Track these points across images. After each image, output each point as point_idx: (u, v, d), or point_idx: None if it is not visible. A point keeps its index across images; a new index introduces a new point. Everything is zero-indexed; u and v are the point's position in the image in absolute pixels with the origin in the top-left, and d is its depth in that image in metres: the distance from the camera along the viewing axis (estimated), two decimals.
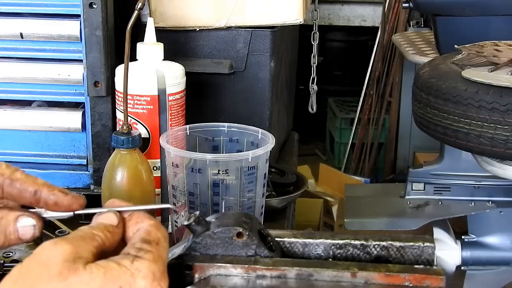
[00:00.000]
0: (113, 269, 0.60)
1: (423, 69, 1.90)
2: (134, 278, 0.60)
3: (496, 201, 2.39)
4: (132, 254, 0.62)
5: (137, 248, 0.63)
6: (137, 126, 1.14)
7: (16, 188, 0.69)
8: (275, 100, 1.45)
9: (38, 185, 0.69)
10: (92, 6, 1.16)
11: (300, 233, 0.72)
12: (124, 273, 0.60)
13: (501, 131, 1.64)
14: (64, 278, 0.58)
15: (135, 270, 0.61)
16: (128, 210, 0.69)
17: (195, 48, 1.37)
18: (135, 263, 0.61)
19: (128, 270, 0.60)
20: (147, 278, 0.61)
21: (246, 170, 1.05)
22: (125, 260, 0.61)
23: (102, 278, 0.59)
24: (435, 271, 0.66)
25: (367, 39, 4.35)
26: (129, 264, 0.61)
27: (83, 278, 0.59)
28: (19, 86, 1.24)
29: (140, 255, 0.62)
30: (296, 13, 1.35)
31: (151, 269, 0.61)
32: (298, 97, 2.00)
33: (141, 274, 0.61)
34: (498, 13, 2.25)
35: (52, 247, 0.60)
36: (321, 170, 3.56)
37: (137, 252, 0.63)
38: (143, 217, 0.68)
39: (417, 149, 3.84)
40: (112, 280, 0.59)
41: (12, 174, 0.69)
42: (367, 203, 2.69)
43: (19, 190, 0.69)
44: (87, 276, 0.59)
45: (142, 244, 0.64)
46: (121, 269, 0.60)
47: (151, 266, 0.62)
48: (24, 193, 0.69)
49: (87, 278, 0.59)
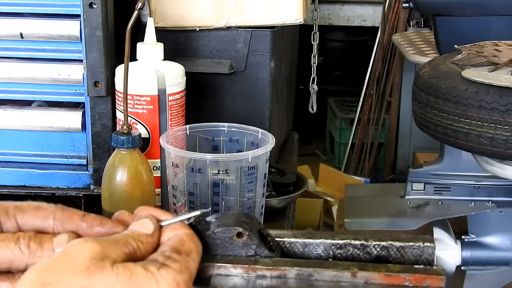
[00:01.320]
0: (139, 273, 0.60)
1: (423, 69, 1.89)
2: (158, 286, 0.60)
3: (496, 201, 2.38)
4: (159, 261, 0.62)
5: (166, 256, 0.63)
6: (137, 126, 1.14)
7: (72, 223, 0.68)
8: (275, 100, 1.45)
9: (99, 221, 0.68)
10: (92, 6, 1.16)
11: (300, 233, 0.72)
12: (149, 279, 0.60)
13: (501, 131, 1.64)
14: (90, 274, 0.58)
15: (160, 278, 0.60)
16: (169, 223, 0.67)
17: (195, 48, 1.37)
18: (161, 271, 0.61)
19: (153, 277, 0.60)
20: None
21: (246, 170, 1.05)
22: (152, 266, 0.61)
23: (127, 281, 0.59)
24: (435, 271, 0.66)
25: (367, 39, 4.35)
26: (155, 271, 0.61)
27: (109, 278, 0.58)
28: (19, 86, 1.24)
29: (168, 263, 0.62)
30: (296, 13, 1.35)
31: (176, 279, 0.61)
32: (298, 97, 2.00)
33: (166, 283, 0.60)
34: (498, 13, 2.25)
35: (82, 244, 0.60)
36: (321, 170, 3.56)
37: (165, 260, 0.62)
38: (180, 225, 0.67)
39: (417, 149, 3.84)
40: (136, 285, 0.59)
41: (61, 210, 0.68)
42: (367, 203, 2.69)
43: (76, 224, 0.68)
44: (113, 276, 0.59)
45: (171, 253, 0.63)
46: (146, 275, 0.60)
47: (176, 276, 0.61)
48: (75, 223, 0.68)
49: (113, 278, 0.59)
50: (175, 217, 0.68)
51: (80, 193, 1.24)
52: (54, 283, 0.57)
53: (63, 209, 0.68)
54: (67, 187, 1.26)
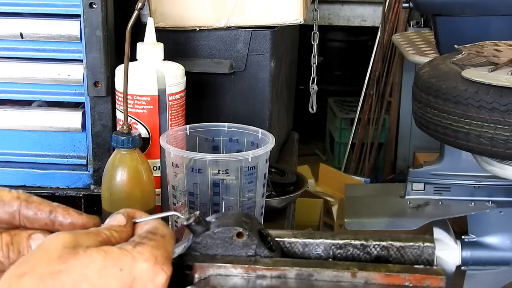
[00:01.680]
0: (114, 252, 0.61)
1: (423, 69, 1.90)
2: (135, 261, 0.61)
3: (496, 201, 2.38)
4: (135, 241, 0.63)
5: (141, 236, 0.64)
6: (137, 126, 1.14)
7: (31, 210, 0.69)
8: (275, 100, 1.45)
9: (53, 206, 0.70)
10: (92, 6, 1.16)
11: (300, 233, 0.72)
12: (124, 256, 0.61)
13: (501, 131, 1.64)
14: (64, 261, 0.59)
15: (137, 254, 0.61)
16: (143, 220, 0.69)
17: (195, 48, 1.37)
18: (137, 247, 0.62)
19: (129, 254, 0.61)
20: (149, 261, 0.61)
21: (246, 170, 1.05)
22: (127, 245, 0.62)
23: (102, 260, 0.60)
24: (435, 271, 0.66)
25: (367, 39, 4.35)
26: (131, 249, 0.62)
27: (83, 260, 0.60)
28: (19, 86, 1.24)
29: (143, 241, 0.63)
30: (296, 13, 1.35)
31: (153, 253, 0.62)
32: (298, 97, 2.00)
33: (142, 257, 0.61)
34: (498, 13, 2.25)
35: (54, 236, 0.62)
36: (321, 170, 3.56)
37: (141, 239, 0.63)
38: (154, 220, 0.69)
39: (417, 149, 3.84)
40: (112, 262, 0.60)
41: (28, 197, 0.70)
42: (367, 203, 2.69)
43: (34, 211, 0.69)
44: (86, 258, 0.60)
45: (147, 234, 0.65)
46: (121, 252, 0.61)
47: (153, 250, 0.62)
48: (39, 215, 0.69)
49: (86, 260, 0.60)
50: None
51: (80, 193, 1.24)
52: (29, 272, 0.59)
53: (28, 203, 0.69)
54: (67, 187, 1.26)
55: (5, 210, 0.69)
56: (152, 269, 0.61)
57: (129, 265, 0.60)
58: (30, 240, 0.68)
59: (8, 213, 0.69)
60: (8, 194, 0.69)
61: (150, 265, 0.61)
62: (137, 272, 0.61)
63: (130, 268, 0.60)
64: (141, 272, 0.61)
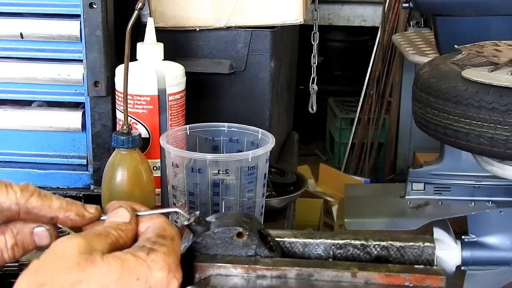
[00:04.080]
0: (130, 261, 0.60)
1: (423, 69, 1.90)
2: (150, 270, 0.61)
3: (496, 201, 2.38)
4: (147, 247, 0.63)
5: (152, 241, 0.64)
6: (137, 126, 1.14)
7: (32, 215, 0.68)
8: (275, 100, 1.45)
9: (54, 211, 0.68)
10: (92, 6, 1.16)
11: (300, 233, 0.72)
12: (140, 265, 0.61)
13: (501, 131, 1.64)
14: (82, 268, 0.59)
15: (151, 262, 0.61)
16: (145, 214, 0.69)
17: (195, 48, 1.36)
18: (151, 255, 0.62)
19: (144, 262, 0.61)
20: (163, 270, 0.61)
21: (246, 170, 1.05)
22: (141, 252, 0.62)
23: (120, 270, 0.59)
24: (435, 271, 0.66)
25: (367, 39, 4.35)
26: (145, 256, 0.61)
27: (101, 269, 0.59)
28: (19, 86, 1.24)
29: (155, 248, 0.63)
30: (296, 13, 1.35)
31: (166, 261, 0.62)
32: (298, 97, 2.00)
33: (157, 266, 0.61)
34: (498, 13, 2.25)
35: (67, 241, 0.61)
36: (321, 170, 3.56)
37: (152, 245, 0.63)
38: (157, 215, 0.69)
39: (417, 149, 3.84)
40: (130, 272, 0.60)
41: (27, 203, 0.68)
42: (367, 203, 2.69)
43: (35, 217, 0.68)
44: (105, 267, 0.59)
45: (156, 238, 0.64)
46: (137, 261, 0.61)
47: (166, 258, 0.62)
48: (40, 219, 0.69)
49: (105, 269, 0.59)
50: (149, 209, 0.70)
51: (80, 193, 1.24)
52: (49, 282, 0.58)
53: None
54: (67, 187, 1.26)
55: (4, 215, 0.68)
56: (166, 278, 0.61)
57: (145, 275, 0.60)
58: (34, 237, 0.68)
59: (6, 217, 0.68)
60: (6, 199, 0.68)
61: (165, 274, 0.61)
62: (152, 282, 0.61)
63: (146, 278, 0.60)
64: (156, 281, 0.61)
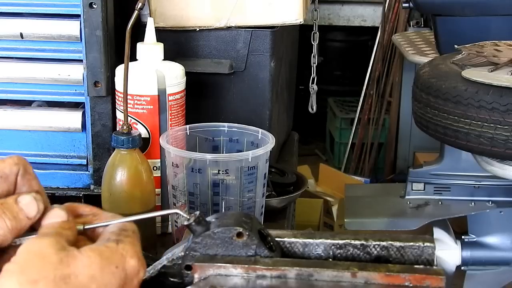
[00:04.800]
0: (105, 251, 0.63)
1: (423, 69, 1.90)
2: (124, 258, 0.64)
3: (496, 201, 2.38)
4: (113, 239, 0.65)
5: (116, 234, 0.66)
6: (137, 126, 1.14)
7: (26, 180, 0.69)
8: (275, 100, 1.45)
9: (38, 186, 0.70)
10: (92, 6, 1.16)
11: (300, 233, 0.72)
12: (115, 254, 0.63)
13: (501, 131, 1.64)
14: (67, 264, 0.61)
15: (123, 251, 0.64)
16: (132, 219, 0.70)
17: (195, 48, 1.36)
18: (120, 245, 0.64)
19: (117, 251, 0.64)
20: (134, 258, 0.64)
21: (246, 170, 1.05)
22: (111, 243, 0.65)
23: (100, 260, 0.62)
24: (435, 271, 0.66)
25: (367, 39, 4.35)
26: (115, 246, 0.64)
27: (83, 262, 0.61)
28: (19, 86, 1.24)
29: (121, 238, 0.65)
30: (296, 13, 1.35)
31: (135, 250, 0.65)
32: (298, 97, 2.00)
33: (129, 254, 0.64)
34: (498, 13, 2.25)
35: (38, 241, 0.63)
36: (321, 170, 3.56)
37: (117, 236, 0.66)
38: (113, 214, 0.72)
39: (417, 149, 3.84)
40: (108, 261, 0.63)
41: (26, 165, 0.70)
42: (367, 203, 2.69)
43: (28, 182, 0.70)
44: (86, 259, 0.62)
45: (120, 231, 0.67)
46: (111, 251, 0.64)
47: (134, 247, 0.65)
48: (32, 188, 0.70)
49: (87, 261, 0.62)
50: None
51: (80, 193, 1.24)
52: (42, 278, 0.59)
53: None
54: (67, 187, 1.26)
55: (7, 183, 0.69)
56: (137, 265, 0.64)
57: (121, 263, 0.63)
58: (19, 204, 0.68)
59: (7, 186, 0.69)
60: (7, 166, 0.69)
61: (136, 261, 0.64)
62: (128, 269, 0.63)
63: (123, 265, 0.63)
64: (131, 269, 0.64)
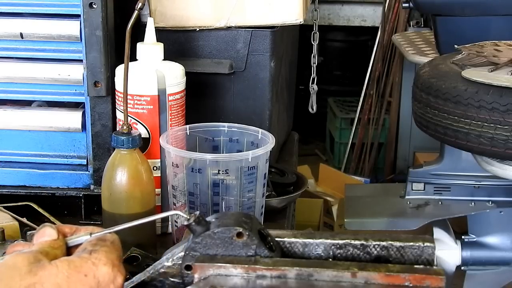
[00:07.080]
0: (75, 261, 0.68)
1: (423, 69, 1.89)
2: (96, 266, 0.68)
3: (496, 201, 2.38)
4: (88, 249, 0.70)
5: (93, 244, 0.71)
6: (137, 126, 1.14)
7: None
8: (275, 100, 1.45)
9: None
10: (92, 6, 1.16)
11: (300, 233, 0.72)
12: (85, 263, 0.68)
13: (501, 131, 1.64)
14: (34, 274, 0.65)
15: (95, 259, 0.68)
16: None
17: (195, 48, 1.37)
18: (93, 254, 0.69)
19: (88, 260, 0.68)
20: (107, 265, 0.68)
21: (246, 170, 1.05)
22: (84, 253, 0.69)
23: (67, 269, 0.66)
24: (435, 271, 0.66)
25: (367, 39, 4.35)
26: (88, 256, 0.68)
27: (51, 271, 0.66)
28: (19, 86, 1.24)
29: (97, 248, 0.70)
30: (296, 13, 1.35)
31: (109, 258, 0.69)
32: (298, 97, 2.00)
33: (101, 262, 0.68)
34: (498, 13, 2.25)
35: (16, 256, 0.67)
36: (321, 170, 3.56)
37: (93, 247, 0.70)
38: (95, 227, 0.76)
39: (417, 149, 3.84)
40: (76, 270, 0.67)
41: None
42: (367, 203, 2.69)
43: None
44: (54, 269, 0.66)
45: (97, 241, 0.71)
46: (82, 260, 0.68)
47: (108, 255, 0.69)
48: None
49: (54, 270, 0.66)
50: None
51: (80, 193, 1.24)
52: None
53: None
54: (67, 187, 1.26)
55: None
56: (112, 272, 0.68)
57: (92, 271, 0.67)
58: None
59: None
60: None
61: (110, 268, 0.68)
62: (100, 277, 0.67)
63: (94, 273, 0.67)
64: (103, 276, 0.67)
